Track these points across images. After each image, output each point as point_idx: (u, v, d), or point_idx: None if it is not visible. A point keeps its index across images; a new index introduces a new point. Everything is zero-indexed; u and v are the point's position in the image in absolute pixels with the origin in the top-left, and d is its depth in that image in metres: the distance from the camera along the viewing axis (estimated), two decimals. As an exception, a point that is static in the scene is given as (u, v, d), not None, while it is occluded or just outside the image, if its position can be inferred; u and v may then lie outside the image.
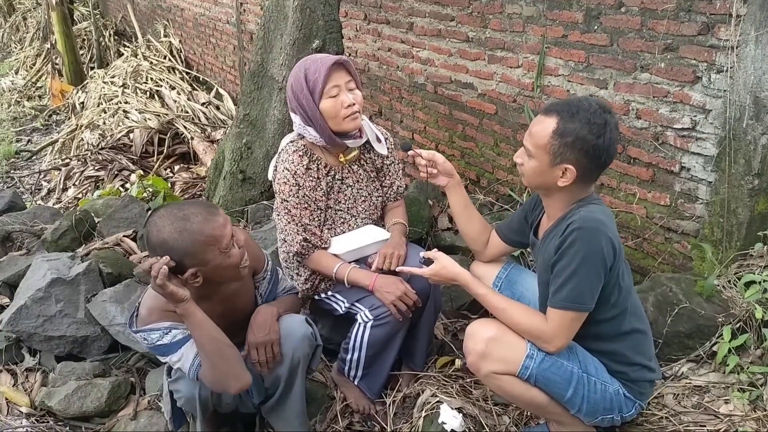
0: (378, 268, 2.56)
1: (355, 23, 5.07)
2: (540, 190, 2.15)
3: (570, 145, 1.94)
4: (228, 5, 7.31)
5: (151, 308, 2.17)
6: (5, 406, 2.77)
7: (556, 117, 1.97)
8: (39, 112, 8.70)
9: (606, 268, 1.95)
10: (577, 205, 2.04)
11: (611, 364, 2.11)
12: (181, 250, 2.03)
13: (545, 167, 2.00)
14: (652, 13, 2.89)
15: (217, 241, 2.07)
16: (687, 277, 2.70)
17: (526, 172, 2.08)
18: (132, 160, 5.94)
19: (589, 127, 1.92)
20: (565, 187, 2.01)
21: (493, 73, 3.88)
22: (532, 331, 2.04)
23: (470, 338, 2.12)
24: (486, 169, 4.10)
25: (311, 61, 2.56)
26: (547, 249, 2.06)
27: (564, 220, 2.03)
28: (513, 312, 2.08)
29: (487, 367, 2.07)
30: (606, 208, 2.07)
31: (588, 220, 1.94)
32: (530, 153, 2.03)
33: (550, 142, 1.97)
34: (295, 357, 2.30)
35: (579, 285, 1.93)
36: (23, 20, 13.34)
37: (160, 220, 2.06)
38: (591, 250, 1.92)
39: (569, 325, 1.99)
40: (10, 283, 3.28)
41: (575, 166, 1.96)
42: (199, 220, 2.05)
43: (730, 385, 2.40)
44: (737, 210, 2.69)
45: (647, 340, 2.17)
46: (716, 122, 2.72)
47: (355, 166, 2.72)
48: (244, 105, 3.85)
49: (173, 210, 2.08)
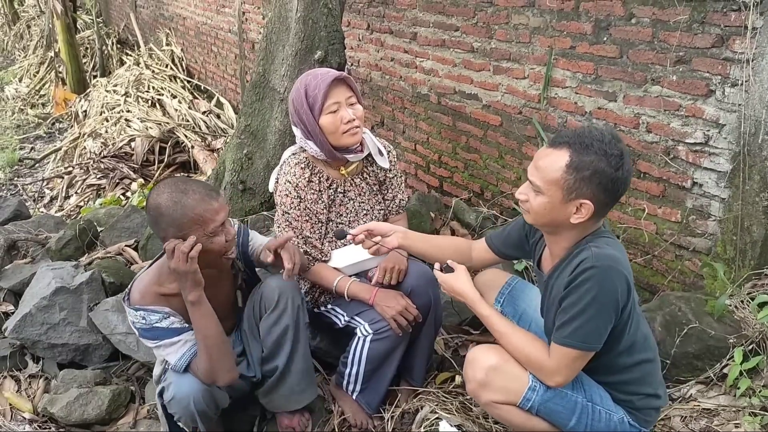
0: (378, 282, 2.57)
1: (358, 33, 5.04)
2: (547, 228, 2.01)
3: (587, 180, 1.81)
4: (230, 14, 7.33)
5: (144, 292, 2.23)
6: (9, 412, 2.85)
7: (567, 149, 1.84)
8: (42, 120, 8.78)
9: (618, 309, 1.85)
10: (586, 240, 1.93)
11: (617, 393, 2.05)
12: (170, 219, 2.11)
13: (557, 203, 1.87)
14: (663, 25, 2.85)
15: (204, 222, 2.12)
16: (697, 296, 2.65)
17: (533, 209, 1.93)
18: (133, 168, 6.00)
19: (607, 159, 1.80)
20: (577, 224, 1.90)
21: (498, 84, 3.83)
22: (532, 362, 1.96)
23: (471, 365, 2.06)
24: (490, 182, 4.05)
25: (312, 77, 2.58)
26: (557, 287, 1.96)
27: (574, 256, 1.92)
28: (515, 338, 2.01)
29: (487, 396, 2.03)
30: (617, 241, 1.97)
31: (601, 258, 1.83)
32: (539, 189, 1.89)
33: (564, 177, 1.83)
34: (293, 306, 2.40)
35: (586, 324, 1.84)
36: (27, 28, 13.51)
37: (163, 186, 2.16)
38: (604, 290, 1.82)
39: (571, 363, 1.90)
40: (15, 291, 3.35)
41: (592, 201, 1.84)
42: (196, 197, 2.11)
43: (741, 408, 2.34)
44: (751, 228, 2.64)
45: (655, 369, 2.09)
46: (730, 137, 2.66)
47: (357, 179, 2.73)
48: (245, 116, 3.84)
49: (178, 182, 2.19)
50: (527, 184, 1.95)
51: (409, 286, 2.55)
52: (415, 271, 2.60)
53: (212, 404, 2.26)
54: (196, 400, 2.21)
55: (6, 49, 13.84)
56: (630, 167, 1.86)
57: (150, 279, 2.25)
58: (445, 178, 4.46)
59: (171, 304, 2.22)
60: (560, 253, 2.00)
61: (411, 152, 4.76)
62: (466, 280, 2.16)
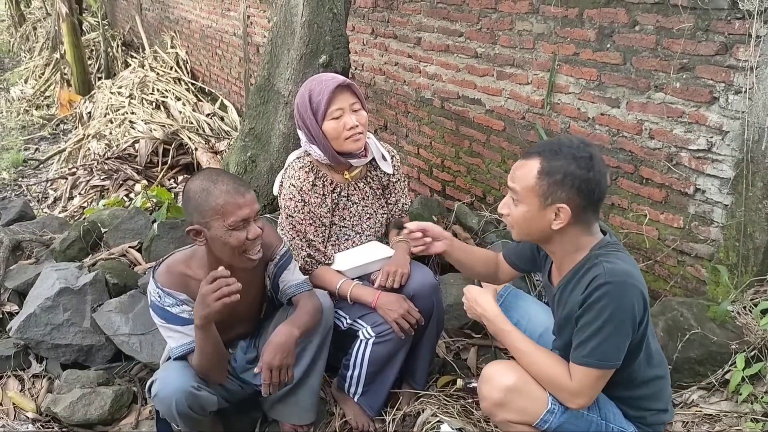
0: (381, 285, 2.57)
1: (363, 37, 5.06)
2: (535, 239, 2.02)
3: (560, 183, 1.85)
4: (235, 18, 7.35)
5: (171, 269, 2.30)
6: (12, 411, 2.85)
7: (538, 157, 1.89)
8: (47, 121, 8.78)
9: (635, 324, 1.84)
10: (595, 255, 1.91)
11: (629, 409, 2.02)
12: (195, 204, 2.16)
13: (535, 211, 1.90)
14: (667, 32, 2.86)
15: (225, 214, 2.13)
16: (699, 302, 2.64)
17: (515, 220, 1.97)
18: (137, 170, 5.98)
19: (576, 162, 1.85)
20: (561, 230, 1.91)
21: (501, 89, 3.84)
22: (555, 385, 1.92)
23: (487, 383, 2.01)
24: (492, 186, 4.06)
25: (316, 82, 2.60)
26: (569, 302, 1.94)
27: (584, 271, 1.90)
28: (537, 358, 1.96)
29: (503, 416, 1.99)
30: (627, 253, 1.96)
31: (615, 273, 1.82)
32: (517, 198, 1.93)
33: (538, 183, 1.87)
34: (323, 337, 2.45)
35: (605, 342, 1.82)
36: (33, 30, 13.58)
37: (200, 174, 2.23)
38: (620, 306, 1.80)
39: (594, 383, 1.87)
40: (20, 291, 3.36)
41: (568, 204, 1.86)
42: (223, 189, 2.14)
43: (743, 414, 2.33)
44: (754, 234, 2.64)
45: (666, 385, 2.08)
46: (733, 144, 2.67)
47: (360, 184, 2.74)
48: (249, 119, 3.85)
49: (213, 171, 2.25)
50: (508, 196, 1.99)
51: (412, 290, 2.55)
52: (417, 275, 2.60)
53: (197, 407, 2.25)
54: (178, 402, 2.20)
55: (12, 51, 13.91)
56: (602, 169, 1.88)
57: (181, 259, 2.31)
58: (448, 182, 4.47)
59: (191, 288, 2.26)
60: (564, 264, 2.00)
61: (414, 156, 4.77)
62: (492, 297, 2.13)
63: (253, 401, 2.63)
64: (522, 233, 1.99)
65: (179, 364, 2.30)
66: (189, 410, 2.23)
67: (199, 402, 2.25)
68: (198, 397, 2.24)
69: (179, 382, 2.22)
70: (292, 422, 2.55)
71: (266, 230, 2.37)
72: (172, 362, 2.33)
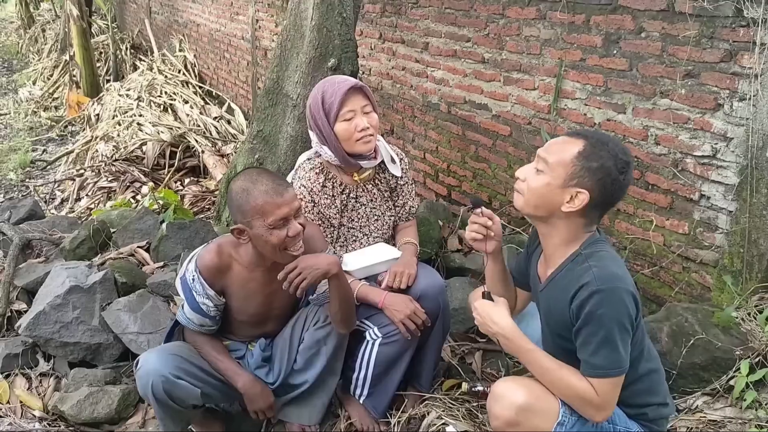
0: (388, 286, 2.58)
1: (370, 42, 5.09)
2: (536, 215, 2.00)
3: (593, 171, 1.87)
4: (244, 22, 7.38)
5: (221, 250, 2.37)
6: (19, 409, 2.86)
7: (583, 140, 1.90)
8: (55, 122, 8.78)
9: (632, 324, 1.86)
10: (583, 255, 1.93)
11: (629, 408, 2.03)
12: (237, 204, 2.23)
13: (555, 186, 1.90)
14: (673, 39, 2.87)
15: (265, 213, 2.18)
16: (704, 308, 2.65)
17: (530, 188, 1.95)
18: (144, 172, 6.01)
19: (615, 160, 1.87)
20: (566, 214, 1.92)
21: (508, 94, 3.86)
22: (580, 400, 1.90)
23: (498, 402, 1.97)
24: (498, 191, 4.08)
25: (329, 84, 2.62)
26: (559, 299, 1.95)
27: (572, 271, 1.92)
28: (563, 375, 1.92)
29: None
30: (613, 251, 1.98)
31: (604, 280, 1.83)
32: (544, 168, 1.93)
33: (573, 162, 1.88)
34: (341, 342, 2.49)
35: (614, 349, 1.83)
36: (42, 32, 13.61)
37: (242, 174, 2.29)
38: (618, 312, 1.82)
39: (613, 391, 1.88)
40: (29, 290, 3.37)
41: (590, 192, 1.87)
42: (262, 189, 2.19)
43: (748, 420, 2.33)
44: (758, 241, 2.65)
45: (661, 378, 2.09)
46: (738, 150, 2.68)
47: (369, 185, 2.76)
48: (257, 121, 3.87)
49: (254, 172, 2.30)
50: (530, 166, 1.98)
51: (419, 291, 2.56)
52: (424, 277, 2.61)
53: (176, 396, 2.30)
54: (154, 385, 2.26)
55: (20, 53, 13.92)
56: (631, 178, 1.91)
57: (233, 243, 2.36)
58: (454, 186, 4.49)
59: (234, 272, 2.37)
60: (555, 256, 2.01)
61: (420, 161, 4.79)
62: (506, 313, 2.04)
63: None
64: (530, 203, 1.97)
65: (169, 348, 2.40)
66: (166, 397, 2.28)
67: (177, 391, 2.29)
68: (176, 385, 2.28)
69: (158, 365, 2.29)
70: (301, 422, 2.58)
71: (312, 232, 2.43)
72: (163, 346, 2.45)
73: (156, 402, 2.31)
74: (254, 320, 2.48)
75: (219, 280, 2.38)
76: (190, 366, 2.37)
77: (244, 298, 2.43)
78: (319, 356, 2.47)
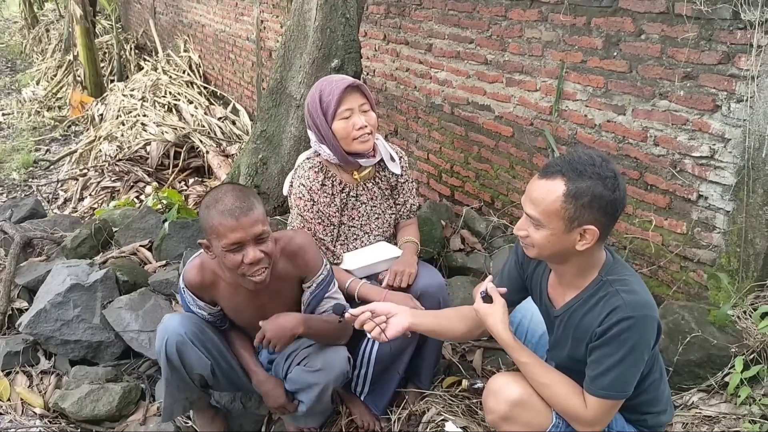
0: (389, 284, 2.59)
1: (374, 43, 5.11)
2: (553, 259, 1.93)
3: (587, 206, 1.77)
4: (248, 22, 7.40)
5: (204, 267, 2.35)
6: (20, 407, 2.86)
7: (561, 178, 1.79)
8: (58, 122, 8.78)
9: (650, 350, 1.84)
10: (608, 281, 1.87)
11: (630, 414, 2.03)
12: (201, 219, 2.20)
13: (560, 234, 1.81)
14: (672, 41, 2.90)
15: (219, 236, 2.12)
16: (700, 306, 2.67)
17: (537, 243, 1.86)
18: (148, 172, 5.99)
19: (603, 183, 1.76)
20: (584, 249, 1.83)
21: (510, 96, 3.89)
22: (570, 413, 1.90)
23: (493, 396, 1.99)
24: (500, 192, 4.10)
25: (327, 83, 2.63)
26: (579, 327, 1.91)
27: (599, 298, 1.87)
28: (557, 389, 1.92)
29: (508, 428, 1.98)
30: (635, 273, 1.93)
31: (636, 307, 1.79)
32: (539, 222, 1.83)
33: (564, 207, 1.78)
34: (326, 388, 2.39)
35: (624, 374, 1.81)
36: (46, 32, 13.58)
37: (213, 190, 2.22)
38: (641, 340, 1.79)
39: (609, 411, 1.87)
40: (30, 288, 3.37)
41: (596, 225, 1.79)
42: (220, 209, 2.11)
43: (742, 416, 2.36)
44: (755, 240, 2.67)
45: (664, 385, 2.09)
46: (735, 151, 2.71)
47: (369, 184, 2.77)
48: (261, 121, 3.89)
49: (223, 189, 2.20)
50: (524, 218, 1.89)
51: (419, 289, 2.57)
52: (425, 275, 2.62)
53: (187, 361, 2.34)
54: (168, 342, 2.31)
55: (24, 52, 13.91)
56: (624, 185, 1.83)
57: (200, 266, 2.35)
58: (457, 187, 4.51)
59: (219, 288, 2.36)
60: (572, 281, 1.95)
61: (424, 161, 4.82)
62: (500, 320, 2.01)
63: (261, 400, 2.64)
64: (543, 254, 1.90)
65: (192, 317, 2.41)
66: (177, 358, 2.32)
67: (188, 355, 2.33)
68: (189, 348, 2.33)
69: (177, 325, 2.34)
70: (298, 425, 2.59)
71: (303, 242, 2.36)
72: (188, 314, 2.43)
73: (167, 362, 2.33)
74: (251, 328, 2.45)
75: (207, 294, 2.38)
76: (207, 340, 2.40)
77: (235, 310, 2.43)
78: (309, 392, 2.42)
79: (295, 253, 2.33)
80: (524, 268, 2.16)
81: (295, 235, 2.35)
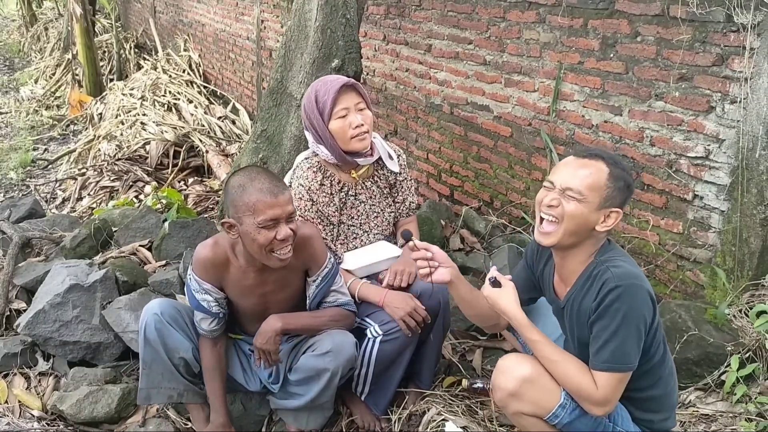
0: (389, 284, 2.60)
1: (374, 43, 5.13)
2: (568, 243, 1.99)
3: (621, 190, 1.94)
4: (249, 22, 7.40)
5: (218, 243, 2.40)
6: (18, 409, 2.80)
7: (602, 161, 1.95)
8: (57, 121, 8.71)
9: (646, 324, 1.88)
10: (600, 261, 1.96)
11: (638, 411, 2.05)
12: (231, 198, 2.24)
13: (591, 211, 1.93)
14: (667, 43, 2.93)
15: (255, 212, 2.19)
16: (697, 305, 2.70)
17: (567, 213, 1.94)
18: (147, 171, 5.95)
19: (629, 175, 1.97)
20: (595, 233, 1.95)
21: (509, 96, 3.91)
22: (581, 392, 1.92)
23: (502, 374, 2.03)
24: (499, 191, 4.13)
25: (322, 83, 2.65)
26: (581, 310, 1.98)
27: (593, 279, 1.94)
28: (566, 367, 1.95)
29: (516, 406, 2.01)
30: (628, 255, 2.02)
31: (623, 277, 1.87)
32: (579, 195, 1.92)
33: (606, 185, 1.92)
34: (334, 374, 2.40)
35: (622, 345, 1.86)
36: (44, 31, 13.49)
37: (243, 170, 2.31)
38: (632, 308, 1.85)
39: (617, 386, 1.90)
40: (28, 289, 3.33)
41: (621, 209, 1.95)
42: (258, 187, 2.20)
43: (738, 414, 2.39)
44: (749, 239, 2.70)
45: (675, 393, 2.12)
46: (729, 152, 2.74)
47: (368, 183, 2.78)
48: (261, 121, 3.89)
49: (254, 169, 2.30)
50: (552, 193, 1.97)
51: (419, 289, 2.57)
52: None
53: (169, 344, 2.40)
54: (148, 323, 2.39)
55: (22, 51, 13.82)
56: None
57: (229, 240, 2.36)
58: (456, 186, 4.53)
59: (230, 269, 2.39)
60: (571, 274, 2.03)
61: (423, 161, 4.83)
62: (513, 300, 2.06)
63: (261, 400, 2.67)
64: (568, 230, 1.95)
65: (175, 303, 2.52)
66: (157, 339, 2.38)
67: (169, 336, 2.41)
68: (169, 330, 2.41)
69: (157, 307, 2.41)
70: (299, 427, 2.58)
71: (311, 233, 2.43)
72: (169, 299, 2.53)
73: (145, 342, 2.40)
74: (255, 317, 2.48)
75: (214, 274, 2.40)
76: (187, 324, 2.49)
77: (240, 296, 2.45)
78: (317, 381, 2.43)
79: (302, 243, 2.37)
80: (533, 268, 2.26)
81: (303, 226, 2.39)
